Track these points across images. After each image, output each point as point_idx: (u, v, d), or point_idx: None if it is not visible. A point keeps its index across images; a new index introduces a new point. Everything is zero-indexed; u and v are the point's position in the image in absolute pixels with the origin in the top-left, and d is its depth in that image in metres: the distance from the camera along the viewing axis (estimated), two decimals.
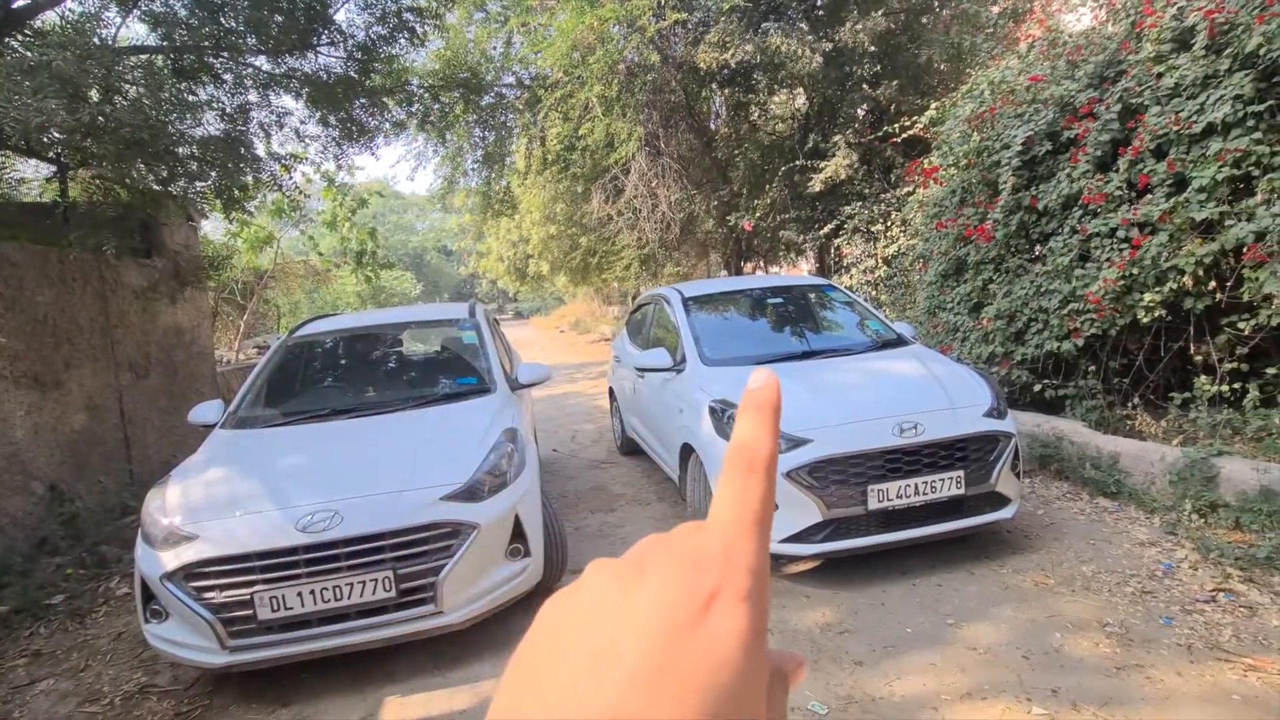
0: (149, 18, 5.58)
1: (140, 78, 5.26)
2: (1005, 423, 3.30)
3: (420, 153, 10.65)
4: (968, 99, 5.77)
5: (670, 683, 0.22)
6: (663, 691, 0.22)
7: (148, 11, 5.58)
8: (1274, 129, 3.61)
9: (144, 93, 4.95)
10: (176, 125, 5.18)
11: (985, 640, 2.69)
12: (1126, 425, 4.50)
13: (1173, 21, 4.12)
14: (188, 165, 5.16)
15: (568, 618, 0.25)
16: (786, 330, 4.54)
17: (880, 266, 8.18)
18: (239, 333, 10.77)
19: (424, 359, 4.56)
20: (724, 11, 7.82)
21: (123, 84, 4.74)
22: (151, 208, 5.33)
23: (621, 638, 0.23)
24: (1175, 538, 3.36)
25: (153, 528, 2.68)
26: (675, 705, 0.22)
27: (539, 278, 20.56)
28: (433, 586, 2.66)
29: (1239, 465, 3.40)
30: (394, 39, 6.36)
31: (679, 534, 0.27)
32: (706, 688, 0.22)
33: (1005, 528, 3.60)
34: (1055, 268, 4.57)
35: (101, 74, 4.36)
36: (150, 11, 5.66)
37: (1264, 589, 2.85)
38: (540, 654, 0.24)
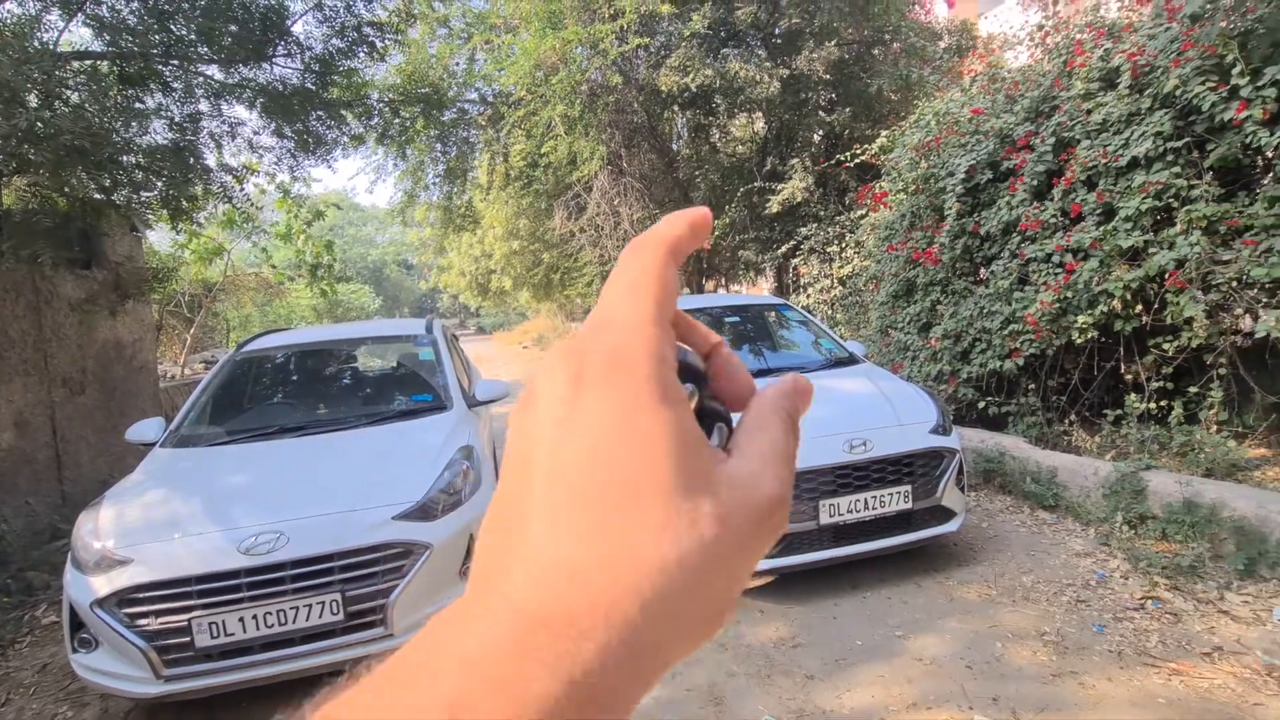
0: (94, 22, 5.42)
1: (83, 84, 5.10)
2: (950, 439, 3.43)
3: (380, 166, 10.53)
4: (915, 128, 6.03)
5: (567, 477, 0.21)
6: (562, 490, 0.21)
7: (93, 16, 5.42)
8: (1190, 164, 3.89)
9: (87, 99, 4.80)
10: (121, 133, 5.02)
11: (931, 651, 2.76)
12: (1064, 441, 4.72)
13: (1100, 62, 4.41)
14: (132, 174, 5.00)
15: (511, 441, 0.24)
16: (743, 348, 4.62)
17: (836, 286, 8.41)
18: (185, 347, 10.38)
19: (379, 375, 4.48)
20: (685, 37, 8.02)
21: (64, 90, 4.58)
22: (92, 217, 5.14)
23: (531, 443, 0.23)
24: (1108, 548, 3.52)
25: (84, 551, 2.55)
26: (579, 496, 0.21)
27: (502, 293, 20.43)
28: (383, 609, 2.60)
29: (1165, 479, 3.60)
30: (353, 52, 6.31)
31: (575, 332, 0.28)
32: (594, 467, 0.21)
33: (952, 540, 3.72)
34: (997, 290, 4.79)
35: (41, 79, 4.21)
36: (96, 16, 5.49)
37: (1188, 596, 3.01)
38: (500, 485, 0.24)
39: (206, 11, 5.47)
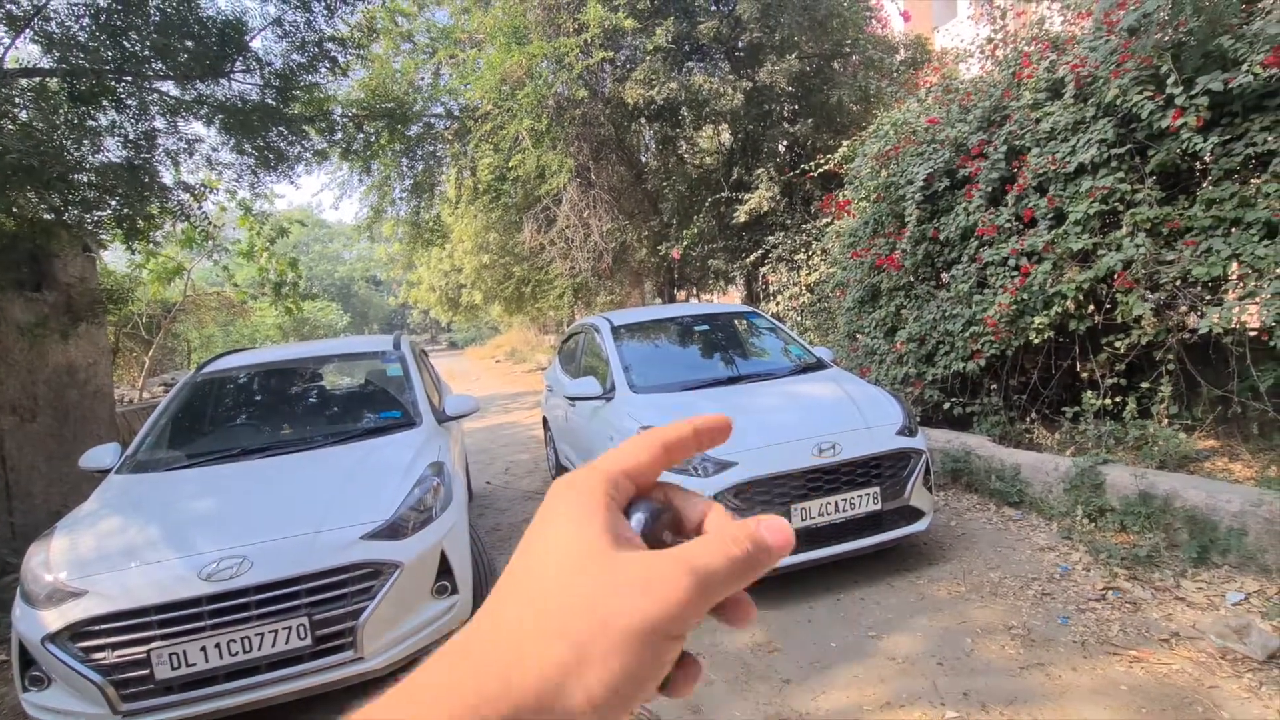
0: (43, 39, 5.27)
1: (31, 101, 4.96)
2: (916, 440, 3.50)
3: (345, 181, 10.39)
4: (875, 138, 6.18)
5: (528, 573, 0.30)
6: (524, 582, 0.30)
7: (41, 32, 5.27)
8: (1133, 170, 4.06)
9: (36, 117, 4.66)
10: (72, 151, 4.88)
11: (903, 650, 2.80)
12: (1027, 438, 4.85)
13: (1046, 73, 4.59)
14: (84, 193, 4.86)
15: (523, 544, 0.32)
16: (713, 357, 4.67)
17: (804, 293, 8.54)
18: (144, 369, 10.06)
19: (346, 393, 4.40)
20: (649, 51, 8.11)
21: (11, 107, 4.44)
22: (41, 238, 4.97)
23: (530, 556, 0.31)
24: (1070, 542, 3.62)
25: (34, 584, 2.45)
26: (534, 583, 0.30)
27: (472, 307, 20.26)
28: (352, 631, 2.55)
29: (1121, 472, 3.72)
30: (314, 68, 6.24)
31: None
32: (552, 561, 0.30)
33: (921, 540, 3.79)
34: (957, 294, 4.92)
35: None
36: (45, 32, 5.35)
37: (1146, 585, 3.11)
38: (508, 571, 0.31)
39: (161, 27, 5.37)
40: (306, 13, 5.99)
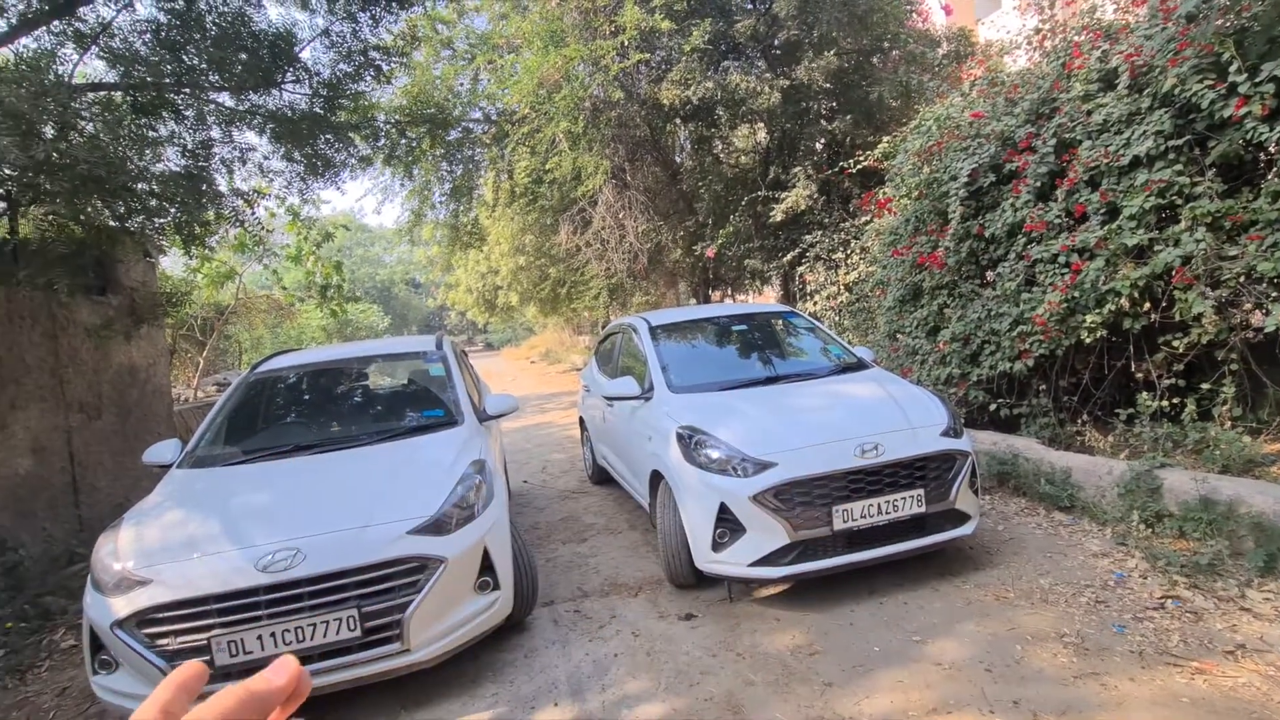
0: (107, 55, 5.55)
1: (98, 114, 5.22)
2: (962, 441, 3.42)
3: (387, 186, 10.67)
4: (917, 134, 6.06)
5: None
6: None
7: (106, 49, 5.56)
8: (1192, 162, 3.89)
9: (102, 129, 4.90)
10: (135, 161, 5.13)
11: (950, 655, 2.74)
12: (1077, 441, 4.69)
13: (1098, 64, 4.44)
14: (146, 201, 5.10)
15: None
16: (751, 357, 4.64)
17: (842, 292, 8.41)
18: (198, 370, 10.49)
19: (390, 392, 4.52)
20: (685, 52, 8.11)
21: (79, 120, 4.69)
22: (107, 244, 5.23)
23: None
24: (1126, 548, 3.49)
25: (103, 573, 2.58)
26: None
27: (508, 309, 20.54)
28: (399, 624, 2.61)
29: (1180, 476, 3.57)
30: (360, 76, 6.42)
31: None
32: None
33: (967, 544, 3.70)
34: (1004, 292, 4.78)
35: (57, 110, 4.32)
36: (109, 49, 5.63)
37: (1208, 594, 2.98)
38: None
39: (217, 41, 5.60)
40: (352, 23, 6.17)
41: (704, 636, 3.10)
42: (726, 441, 3.32)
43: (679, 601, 3.48)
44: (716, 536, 3.20)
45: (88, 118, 5.08)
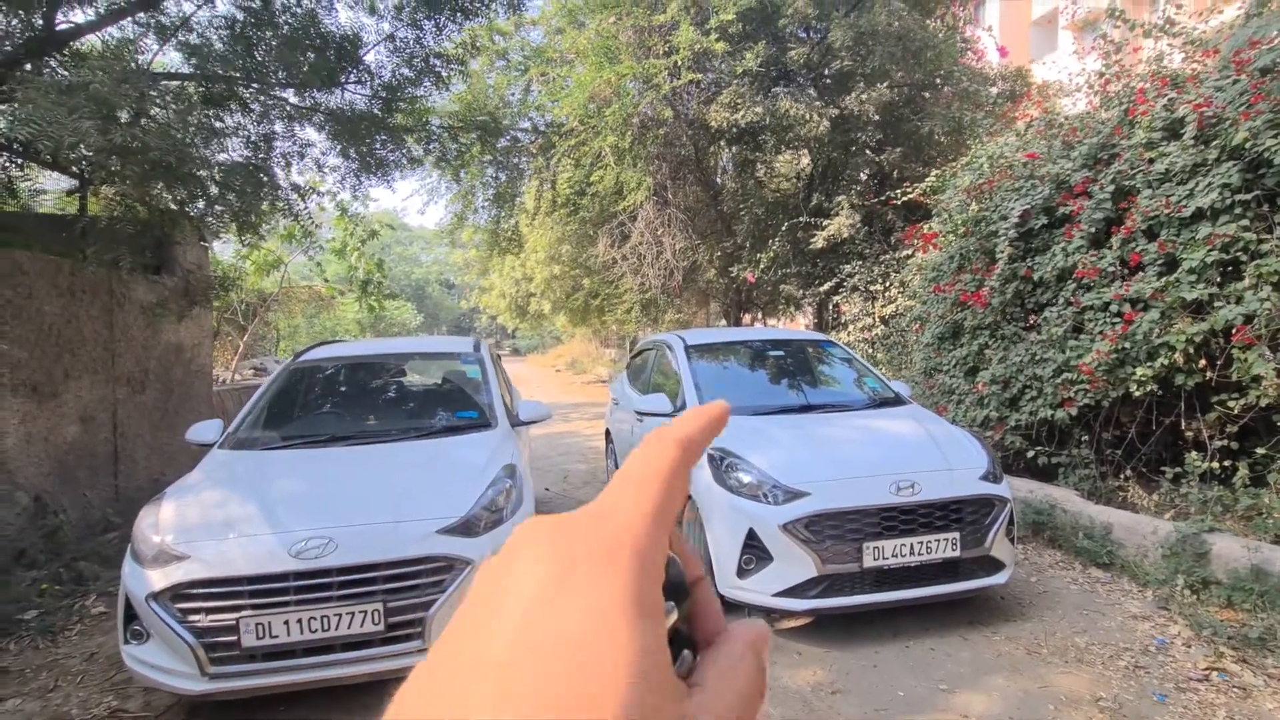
0: (185, 48, 5.80)
1: (170, 102, 5.44)
2: (1001, 487, 3.33)
3: (433, 188, 10.91)
4: (967, 170, 5.99)
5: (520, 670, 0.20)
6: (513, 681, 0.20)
7: (184, 42, 5.81)
8: (1260, 218, 3.78)
9: (173, 117, 5.11)
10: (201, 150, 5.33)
11: (977, 709, 2.65)
12: (1119, 496, 4.53)
13: (1163, 111, 4.35)
14: (208, 189, 5.29)
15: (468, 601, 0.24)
16: (786, 383, 4.60)
17: (878, 325, 8.31)
18: (237, 353, 10.77)
19: (426, 390, 4.58)
20: (737, 75, 8.17)
21: (153, 108, 4.90)
22: (169, 226, 5.42)
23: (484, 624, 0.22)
24: (1168, 613, 3.35)
25: (143, 545, 2.64)
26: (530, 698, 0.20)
27: (539, 316, 20.72)
28: (422, 622, 2.62)
29: (1230, 542, 3.42)
30: (420, 81, 6.60)
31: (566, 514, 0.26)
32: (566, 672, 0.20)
33: (999, 593, 3.59)
34: (1050, 337, 4.68)
35: (135, 97, 4.51)
36: (186, 42, 5.88)
37: (1258, 670, 2.84)
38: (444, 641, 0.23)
39: (288, 40, 5.81)
40: (417, 30, 6.35)
41: None
42: (759, 467, 3.29)
43: None
44: (742, 563, 3.16)
45: (161, 105, 5.30)
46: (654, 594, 0.23)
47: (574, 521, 0.24)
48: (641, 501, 0.25)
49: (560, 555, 0.23)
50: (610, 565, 0.22)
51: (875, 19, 7.84)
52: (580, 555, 0.22)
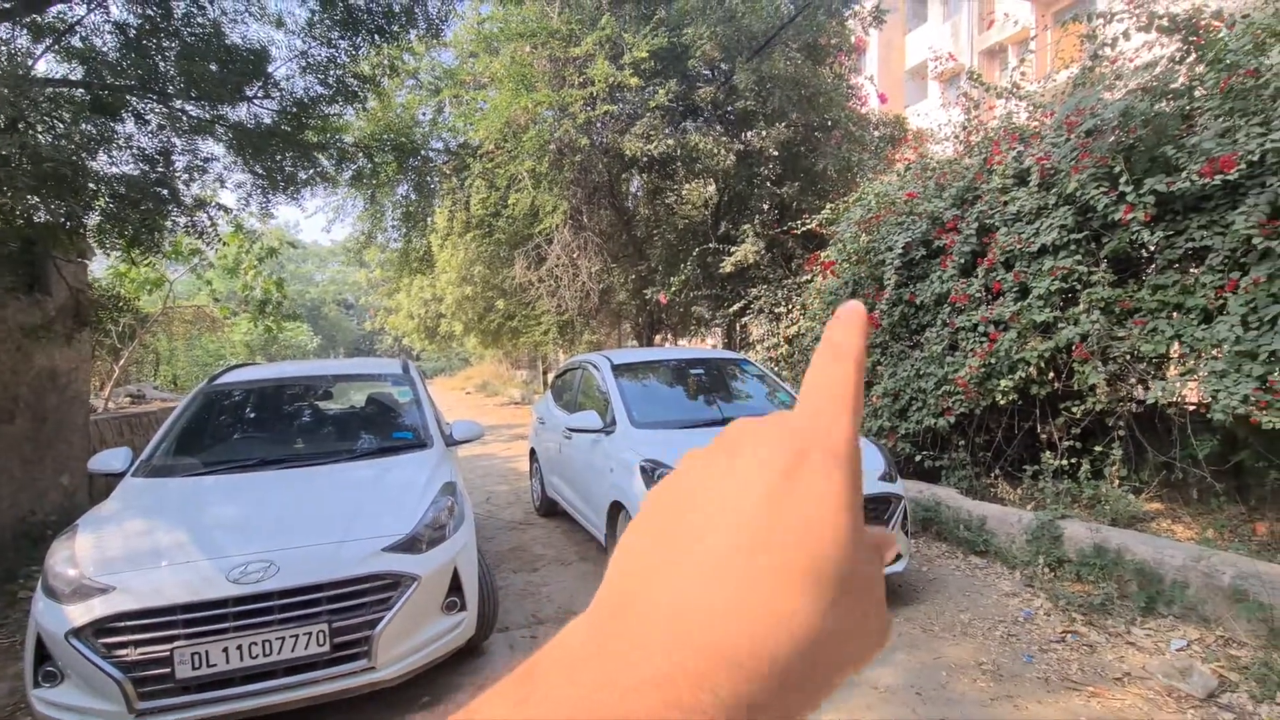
0: (72, 53, 5.43)
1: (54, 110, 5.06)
2: (896, 486, 3.78)
3: (339, 205, 10.56)
4: (857, 205, 6.68)
5: (772, 541, 0.23)
6: (767, 549, 0.23)
7: (71, 47, 5.43)
8: (1090, 254, 4.54)
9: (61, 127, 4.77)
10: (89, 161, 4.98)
11: (885, 681, 3.01)
12: (991, 492, 5.19)
13: (1014, 162, 5.12)
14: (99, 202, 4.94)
15: (670, 500, 0.27)
16: (708, 398, 4.92)
17: (783, 345, 8.92)
18: (112, 379, 9.82)
19: (356, 413, 4.50)
20: (650, 108, 8.61)
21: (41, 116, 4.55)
22: (49, 242, 5.01)
23: (722, 507, 0.25)
24: (1033, 589, 3.91)
25: (58, 580, 2.49)
26: (780, 561, 0.23)
27: (449, 338, 20.25)
28: (368, 640, 2.64)
29: (1078, 527, 4.06)
30: (333, 99, 6.49)
31: (768, 417, 0.29)
32: (806, 542, 0.23)
33: (897, 581, 4.03)
34: (930, 354, 5.31)
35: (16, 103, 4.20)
36: (73, 47, 5.51)
37: (1100, 630, 3.40)
38: (646, 536, 0.26)
39: (188, 50, 5.57)
40: (331, 49, 6.27)
41: None
42: None
43: None
44: None
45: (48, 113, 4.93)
46: (860, 497, 0.26)
47: (798, 425, 0.27)
48: (852, 418, 0.27)
49: (791, 455, 0.26)
50: (836, 472, 0.25)
51: (775, 65, 8.55)
52: (810, 458, 0.26)
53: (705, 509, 0.25)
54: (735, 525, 0.24)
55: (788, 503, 0.24)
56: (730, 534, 0.24)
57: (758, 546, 0.23)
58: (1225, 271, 3.82)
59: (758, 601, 0.22)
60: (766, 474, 0.25)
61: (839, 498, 0.25)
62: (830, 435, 0.26)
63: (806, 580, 0.23)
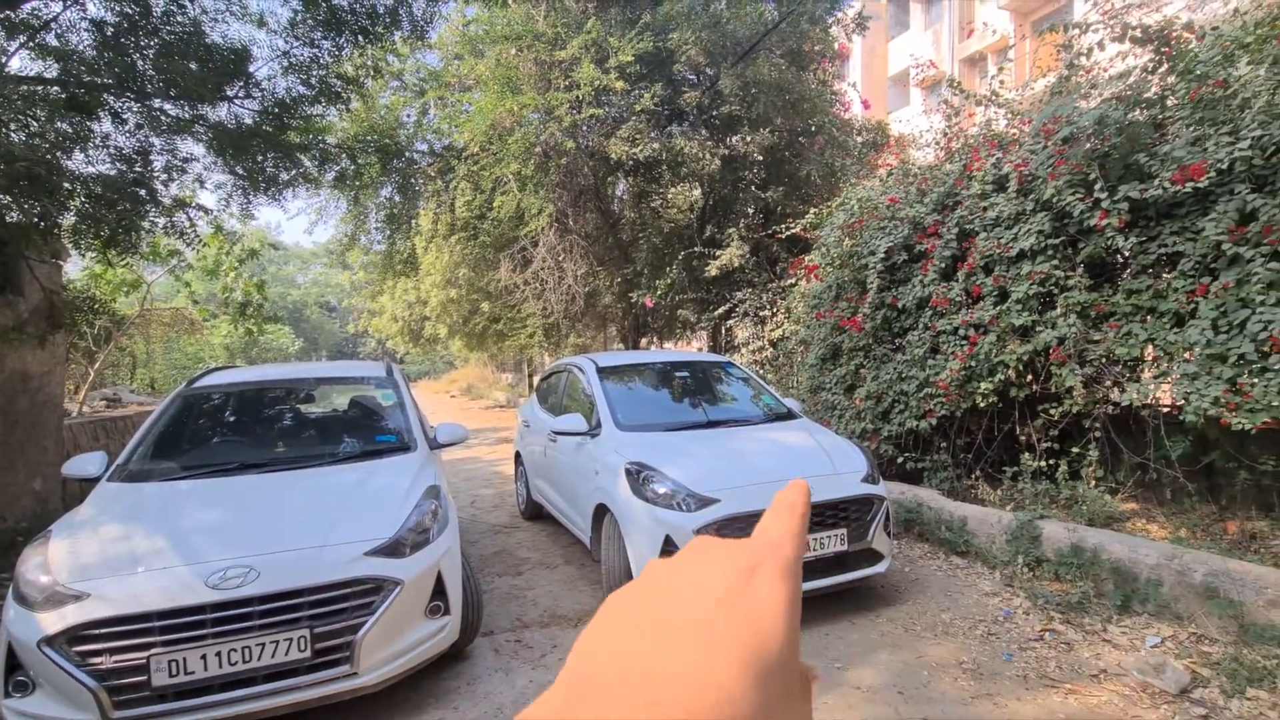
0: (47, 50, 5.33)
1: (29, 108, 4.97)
2: (879, 488, 3.82)
3: (322, 207, 10.46)
4: (841, 210, 6.74)
5: (729, 623, 0.27)
6: (725, 628, 0.27)
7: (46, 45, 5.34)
8: (1066, 259, 4.63)
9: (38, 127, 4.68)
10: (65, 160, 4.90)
11: (868, 680, 3.03)
12: (971, 494, 5.25)
13: (993, 168, 5.20)
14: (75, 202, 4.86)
15: (636, 596, 0.30)
16: (690, 401, 4.94)
17: (768, 347, 8.98)
18: (87, 382, 9.63)
19: (339, 416, 4.45)
20: (635, 111, 8.64)
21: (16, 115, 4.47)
22: (23, 243, 4.91)
23: (689, 594, 0.29)
24: (1012, 588, 3.96)
25: (30, 587, 2.44)
26: (724, 656, 0.25)
27: (433, 340, 20.12)
28: (350, 646, 2.61)
29: (1056, 527, 4.12)
30: (316, 100, 6.44)
31: (729, 540, 0.33)
32: (751, 642, 0.26)
33: (879, 582, 4.07)
34: (913, 357, 5.37)
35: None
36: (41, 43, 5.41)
37: (1078, 628, 3.46)
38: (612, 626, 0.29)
39: (167, 48, 5.50)
40: (314, 49, 6.22)
41: None
42: (672, 478, 3.55)
43: None
44: None
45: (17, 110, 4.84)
46: (798, 604, 0.30)
47: (752, 544, 0.32)
48: (790, 544, 0.32)
49: (745, 565, 0.30)
50: (780, 579, 0.30)
51: (759, 70, 8.62)
52: (764, 570, 0.30)
53: (673, 597, 0.29)
54: (700, 606, 0.28)
55: (742, 597, 0.28)
56: (695, 612, 0.28)
57: (716, 624, 0.27)
58: (1196, 276, 3.91)
59: (713, 670, 0.25)
60: (729, 572, 0.30)
61: (784, 602, 0.29)
62: (781, 551, 0.31)
63: (752, 664, 0.26)
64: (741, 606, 0.28)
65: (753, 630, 0.27)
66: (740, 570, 0.30)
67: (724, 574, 0.30)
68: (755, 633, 0.27)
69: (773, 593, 0.29)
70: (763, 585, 0.29)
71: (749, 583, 0.29)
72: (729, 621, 0.27)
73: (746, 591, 0.29)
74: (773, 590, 0.29)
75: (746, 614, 0.28)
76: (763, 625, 0.27)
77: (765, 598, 0.28)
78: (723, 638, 0.26)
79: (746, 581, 0.29)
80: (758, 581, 0.29)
